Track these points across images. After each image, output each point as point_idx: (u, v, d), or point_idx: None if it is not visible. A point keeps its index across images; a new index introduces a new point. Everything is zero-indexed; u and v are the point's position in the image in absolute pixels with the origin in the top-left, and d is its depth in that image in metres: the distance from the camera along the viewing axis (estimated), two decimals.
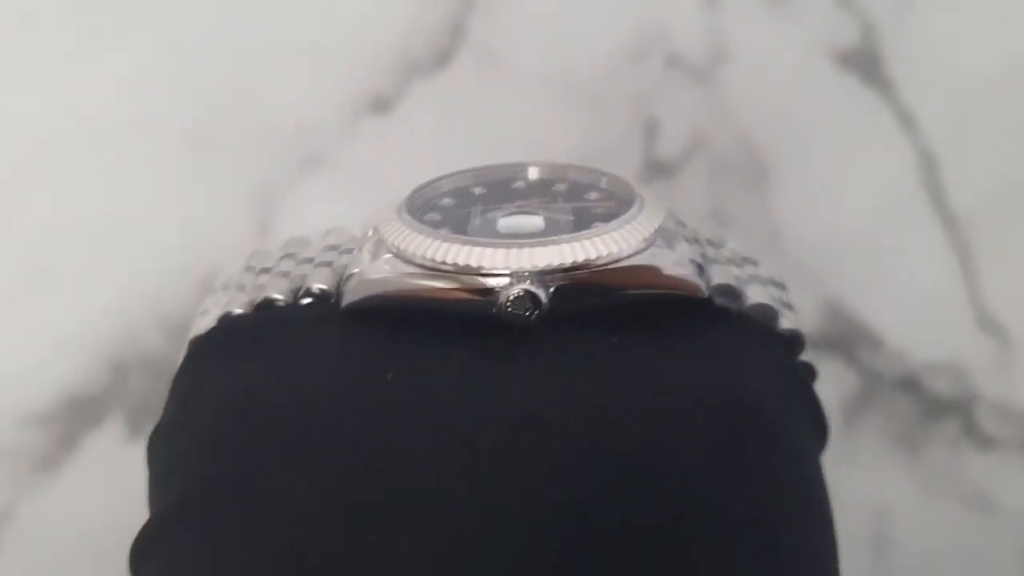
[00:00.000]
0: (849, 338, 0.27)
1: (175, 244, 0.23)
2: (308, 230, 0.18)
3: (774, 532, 0.14)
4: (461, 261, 0.14)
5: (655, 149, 0.26)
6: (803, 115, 0.26)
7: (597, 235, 0.15)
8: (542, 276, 0.14)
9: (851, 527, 0.27)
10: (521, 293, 0.14)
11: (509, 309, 0.14)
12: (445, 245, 0.15)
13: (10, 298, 0.24)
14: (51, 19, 0.23)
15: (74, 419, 0.24)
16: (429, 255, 0.15)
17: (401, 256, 0.15)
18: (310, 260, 0.17)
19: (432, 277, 0.15)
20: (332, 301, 0.16)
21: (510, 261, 0.14)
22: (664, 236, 0.15)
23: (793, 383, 0.16)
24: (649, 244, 0.15)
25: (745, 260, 0.18)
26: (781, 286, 0.18)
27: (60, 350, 0.24)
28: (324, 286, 0.16)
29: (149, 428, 0.16)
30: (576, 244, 0.15)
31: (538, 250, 0.14)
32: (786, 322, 0.16)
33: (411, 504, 0.13)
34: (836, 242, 0.27)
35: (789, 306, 0.17)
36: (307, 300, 0.16)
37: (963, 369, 0.28)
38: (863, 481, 0.28)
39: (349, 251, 0.16)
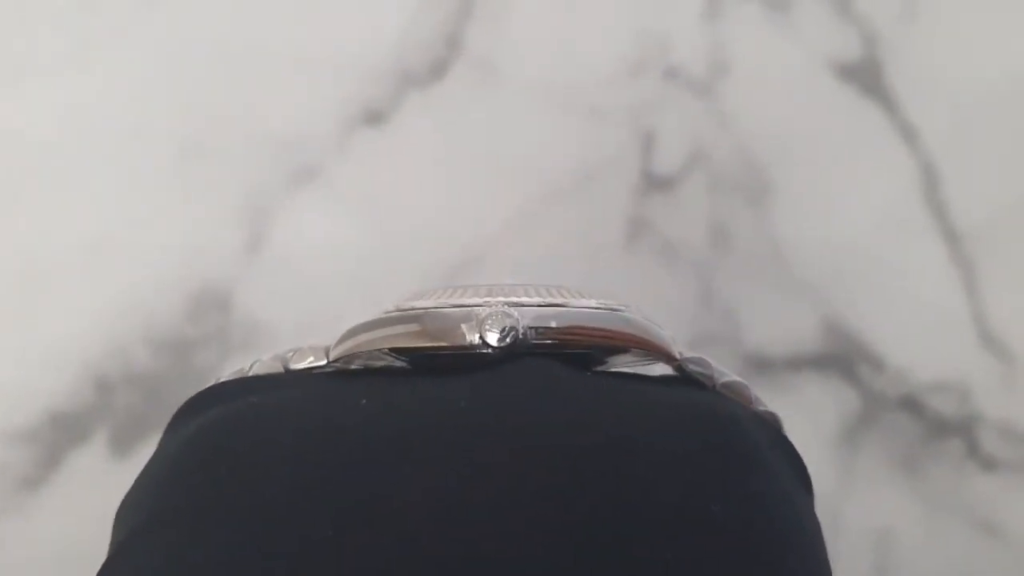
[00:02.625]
0: (850, 356, 0.27)
1: (165, 257, 0.23)
2: (301, 244, 0.18)
3: (752, 543, 0.13)
4: (443, 300, 0.15)
5: (654, 163, 0.25)
6: (804, 128, 0.26)
7: (572, 297, 0.15)
8: (517, 307, 0.15)
9: (854, 548, 0.27)
10: (498, 312, 0.14)
11: (487, 329, 0.14)
12: (428, 293, 0.16)
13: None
14: (48, 31, 0.23)
15: (58, 436, 0.24)
16: (409, 302, 0.15)
17: (395, 307, 0.16)
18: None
19: (411, 334, 0.15)
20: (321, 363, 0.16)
21: (487, 295, 0.15)
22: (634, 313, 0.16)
23: (774, 436, 0.16)
24: (624, 310, 0.15)
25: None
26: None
27: (45, 367, 0.23)
28: (314, 346, 0.16)
29: (134, 445, 0.16)
30: (550, 297, 0.15)
31: (512, 298, 0.15)
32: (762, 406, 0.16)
33: (367, 534, 0.12)
34: (838, 258, 0.26)
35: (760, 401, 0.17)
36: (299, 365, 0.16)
37: (966, 389, 0.27)
38: (865, 502, 0.27)
39: None
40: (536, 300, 0.15)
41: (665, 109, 0.25)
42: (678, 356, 0.15)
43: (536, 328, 0.14)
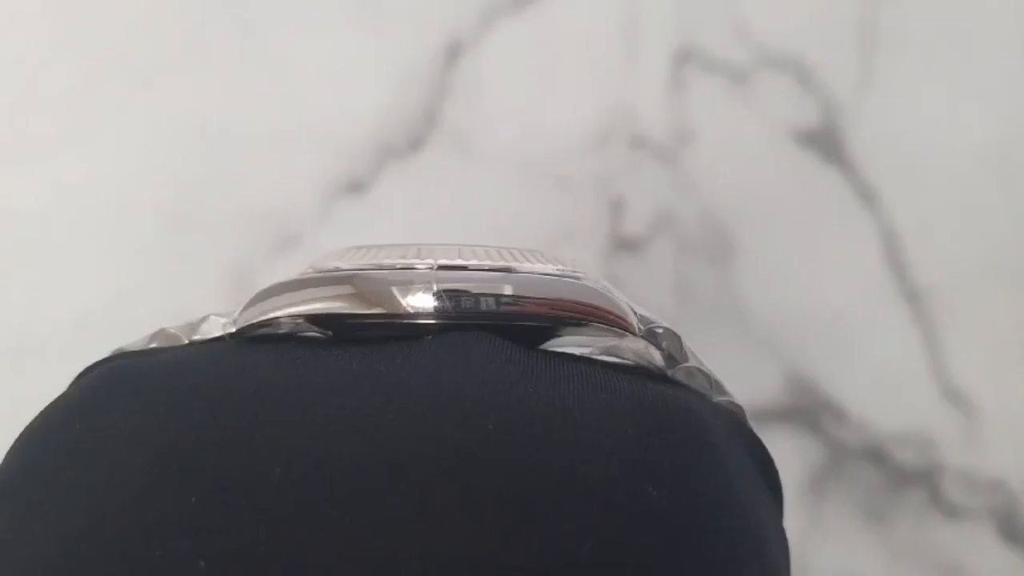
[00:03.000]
0: (814, 410, 0.28)
1: (153, 324, 0.24)
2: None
3: (694, 535, 0.12)
4: (368, 261, 0.13)
5: (622, 227, 0.27)
6: (766, 193, 0.27)
7: (521, 260, 0.13)
8: (461, 293, 0.13)
9: None
10: (436, 276, 0.12)
11: (422, 295, 0.12)
12: (353, 251, 0.13)
13: None
14: (37, 107, 0.24)
15: None
16: (334, 263, 0.13)
17: (308, 270, 0.13)
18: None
19: (336, 296, 0.13)
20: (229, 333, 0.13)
21: (421, 255, 0.13)
22: (595, 281, 0.14)
23: (734, 427, 0.14)
24: (583, 277, 0.13)
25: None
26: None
27: None
28: (221, 316, 0.14)
29: None
30: (495, 260, 0.13)
31: (452, 250, 0.13)
32: (728, 397, 0.14)
33: (225, 518, 0.11)
34: (800, 316, 0.27)
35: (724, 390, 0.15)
36: (203, 335, 0.14)
37: (928, 439, 0.28)
38: (831, 551, 0.28)
39: None
40: (478, 263, 0.13)
41: (632, 176, 0.26)
42: (638, 331, 0.13)
43: (483, 295, 0.13)
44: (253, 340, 0.13)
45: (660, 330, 0.14)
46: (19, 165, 0.24)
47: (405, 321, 0.12)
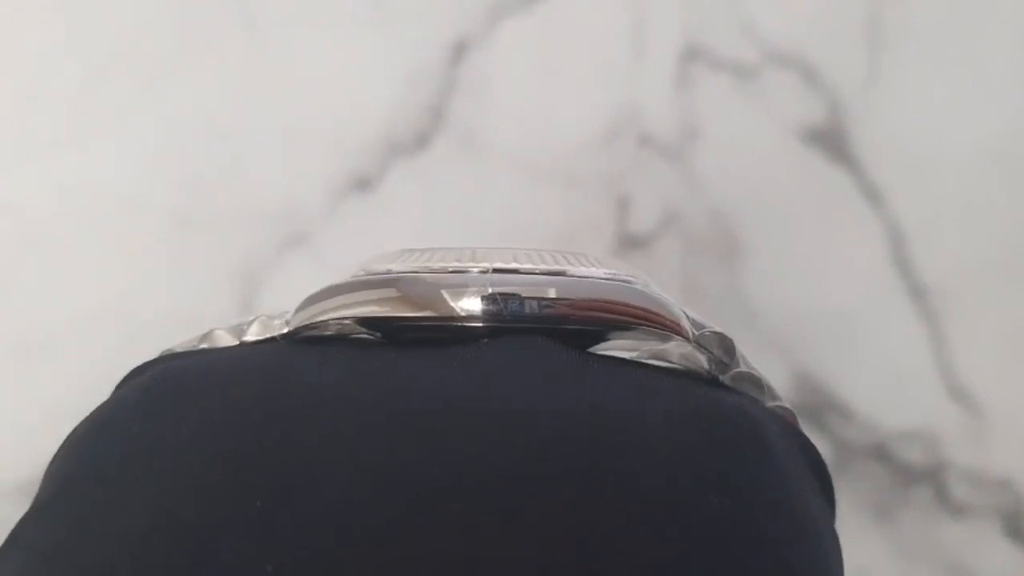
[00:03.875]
0: (821, 408, 0.28)
1: (159, 323, 0.24)
2: (290, 305, 0.19)
3: (761, 542, 0.12)
4: (420, 265, 0.13)
5: (629, 225, 0.27)
6: (772, 191, 0.27)
7: (573, 264, 0.13)
8: (508, 296, 0.12)
9: None
10: (487, 279, 0.12)
11: (472, 298, 0.12)
12: (406, 254, 0.13)
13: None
14: (43, 106, 0.24)
15: None
16: (391, 264, 0.13)
17: (358, 274, 0.13)
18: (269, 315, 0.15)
19: (385, 300, 0.13)
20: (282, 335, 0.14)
21: (475, 258, 0.13)
22: (646, 284, 0.14)
23: (789, 432, 0.14)
24: (630, 280, 0.13)
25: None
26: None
27: (45, 426, 0.24)
28: (273, 318, 0.14)
29: None
30: (547, 263, 0.13)
31: (507, 253, 0.13)
32: (779, 402, 0.15)
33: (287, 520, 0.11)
34: (807, 314, 0.27)
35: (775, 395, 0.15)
36: (254, 336, 0.14)
37: (934, 437, 0.28)
38: None
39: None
40: (531, 267, 0.13)
41: (639, 174, 0.26)
42: (691, 336, 0.13)
43: (531, 299, 0.13)
44: (304, 341, 0.13)
45: (711, 334, 0.13)
46: (26, 163, 0.24)
47: (455, 324, 0.12)
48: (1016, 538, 0.28)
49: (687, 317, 0.14)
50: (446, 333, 0.13)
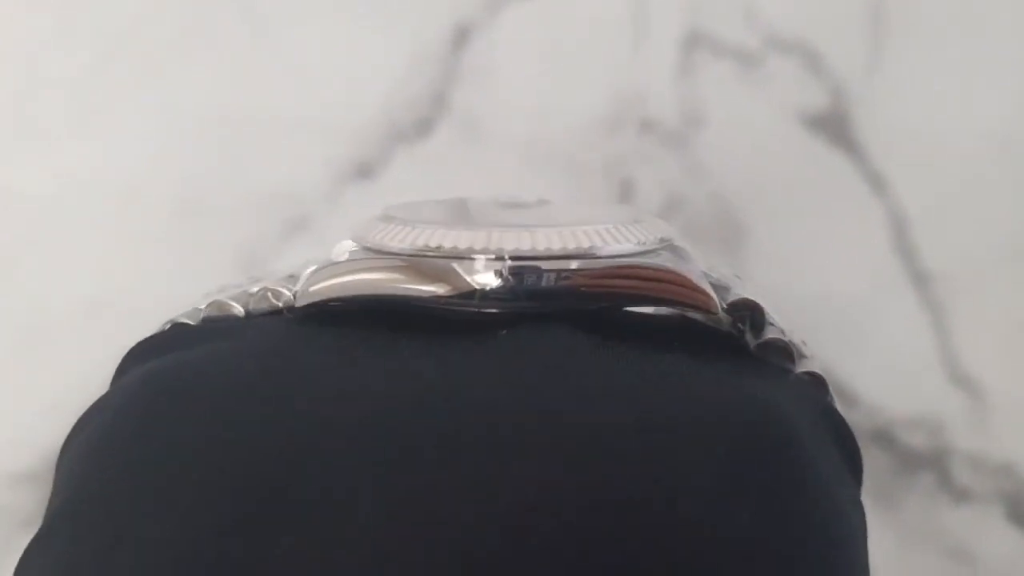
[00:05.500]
0: None
1: (162, 310, 0.24)
2: None
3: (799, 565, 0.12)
4: (432, 243, 0.12)
5: None
6: (775, 178, 0.27)
7: (596, 224, 0.13)
8: (525, 268, 0.12)
9: None
10: (499, 285, 0.12)
11: (483, 300, 0.12)
12: (416, 230, 0.13)
13: (1, 361, 0.24)
14: (44, 93, 0.24)
15: None
16: (396, 242, 0.13)
17: (369, 247, 0.13)
18: (273, 275, 0.15)
19: (398, 269, 0.12)
20: (289, 306, 0.14)
21: (490, 243, 0.12)
22: (672, 250, 0.14)
23: (818, 414, 0.14)
24: (654, 248, 0.13)
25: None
26: (801, 342, 0.16)
27: (48, 413, 0.24)
28: (279, 288, 0.14)
29: None
30: (568, 230, 0.12)
31: (524, 233, 0.12)
32: (807, 366, 0.15)
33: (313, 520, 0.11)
34: (810, 302, 0.27)
35: (811, 356, 0.15)
36: (261, 308, 0.14)
37: (937, 423, 0.28)
38: None
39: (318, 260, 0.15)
40: (550, 249, 0.12)
41: (641, 161, 0.26)
42: (718, 308, 0.13)
43: (550, 271, 0.12)
44: (312, 320, 0.13)
45: (739, 301, 0.13)
46: (28, 152, 0.24)
47: (472, 309, 0.12)
48: (1019, 523, 0.28)
49: (713, 282, 0.13)
50: (461, 317, 0.12)
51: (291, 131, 0.25)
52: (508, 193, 0.16)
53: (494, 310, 0.12)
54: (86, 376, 0.25)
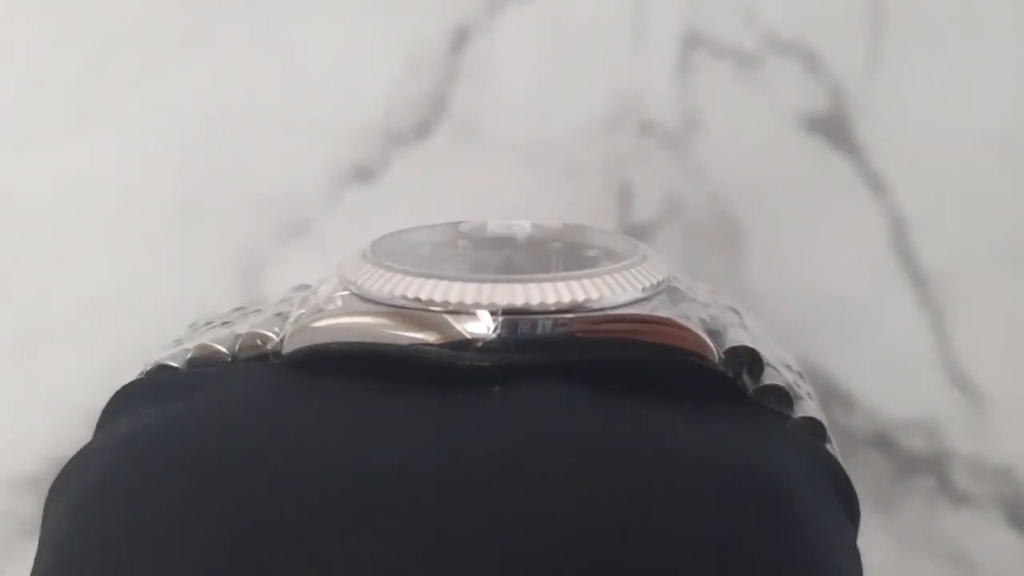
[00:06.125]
0: (822, 397, 0.28)
1: (161, 313, 0.24)
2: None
3: None
4: (424, 296, 0.12)
5: (630, 214, 0.26)
6: (774, 180, 0.27)
7: (592, 276, 0.13)
8: (519, 318, 0.12)
9: None
10: (493, 336, 0.12)
11: (476, 352, 0.12)
12: (408, 280, 0.13)
13: (1, 362, 0.25)
14: (42, 95, 0.24)
15: None
16: (387, 291, 0.13)
17: (359, 294, 0.13)
18: (260, 311, 0.15)
19: (388, 316, 0.12)
20: (276, 351, 0.13)
21: (481, 297, 0.12)
22: (670, 293, 0.14)
23: (820, 467, 0.14)
24: (651, 295, 0.13)
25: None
26: (799, 374, 0.16)
27: (49, 416, 0.24)
28: (267, 332, 0.14)
29: None
30: (563, 284, 0.12)
31: (517, 287, 0.12)
32: (806, 409, 0.14)
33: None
34: (808, 303, 0.27)
35: (809, 395, 0.15)
36: (247, 352, 0.14)
37: (936, 426, 0.28)
38: None
39: (306, 299, 0.14)
40: (544, 304, 0.12)
41: (640, 162, 0.26)
42: (715, 357, 0.13)
43: (551, 319, 0.12)
44: (302, 370, 0.13)
45: (736, 346, 0.13)
46: (27, 153, 0.24)
47: (464, 363, 0.12)
48: (1018, 527, 0.28)
49: (706, 325, 0.13)
50: (452, 365, 0.12)
51: (290, 132, 0.25)
52: (501, 222, 0.16)
53: (486, 363, 0.12)
54: (86, 377, 0.25)
